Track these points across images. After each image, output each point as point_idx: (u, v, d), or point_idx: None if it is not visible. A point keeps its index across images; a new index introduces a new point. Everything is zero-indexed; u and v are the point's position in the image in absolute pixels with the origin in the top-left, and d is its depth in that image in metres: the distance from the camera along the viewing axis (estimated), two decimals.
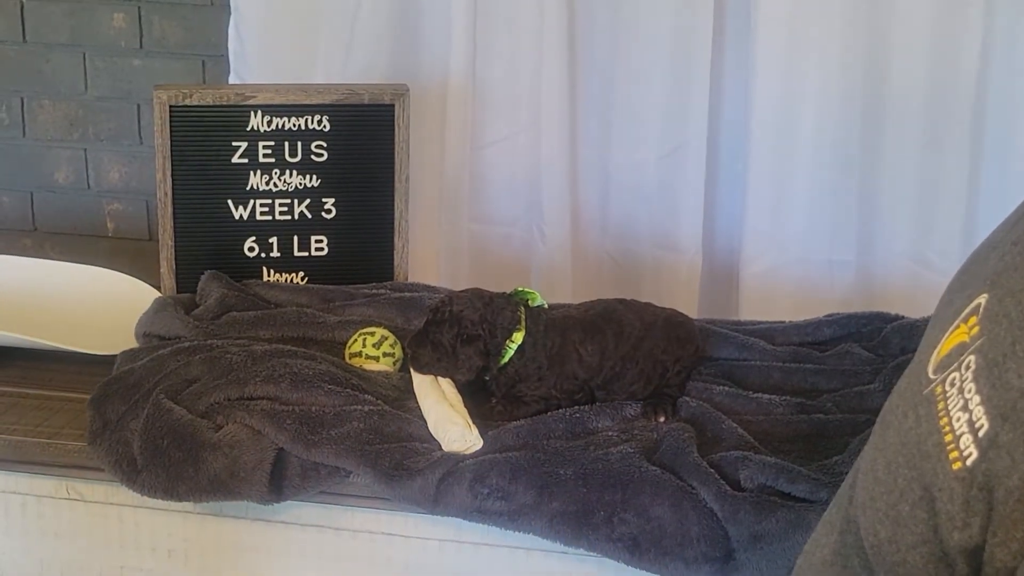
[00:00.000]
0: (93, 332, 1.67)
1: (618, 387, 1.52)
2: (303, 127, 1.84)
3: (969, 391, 0.65)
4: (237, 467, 1.38)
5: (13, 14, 2.27)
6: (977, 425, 0.63)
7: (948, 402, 0.67)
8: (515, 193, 2.17)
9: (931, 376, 0.71)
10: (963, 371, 0.66)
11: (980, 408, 0.63)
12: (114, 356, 1.60)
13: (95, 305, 1.81)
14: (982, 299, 0.69)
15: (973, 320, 0.68)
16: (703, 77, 2.06)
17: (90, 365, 1.60)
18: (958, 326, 0.71)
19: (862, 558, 0.77)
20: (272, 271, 1.87)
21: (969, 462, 0.62)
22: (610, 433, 1.43)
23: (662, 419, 1.46)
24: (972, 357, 0.66)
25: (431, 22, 2.12)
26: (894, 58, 2.00)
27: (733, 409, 1.50)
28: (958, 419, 0.65)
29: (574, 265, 2.16)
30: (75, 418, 1.48)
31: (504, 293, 1.56)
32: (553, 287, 2.08)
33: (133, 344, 1.65)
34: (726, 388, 1.55)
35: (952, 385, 0.67)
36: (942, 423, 0.66)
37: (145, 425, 1.42)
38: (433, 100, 2.09)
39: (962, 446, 0.63)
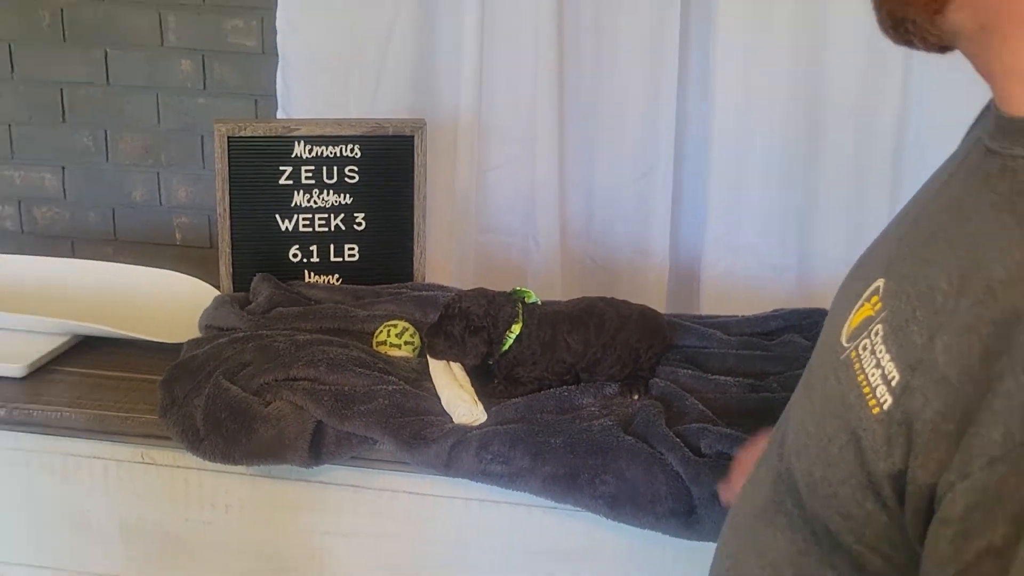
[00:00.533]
0: (163, 324, 1.67)
1: (599, 370, 1.52)
2: (338, 154, 1.83)
3: (880, 351, 0.70)
4: (283, 436, 1.38)
5: (99, 61, 2.27)
6: (890, 377, 0.68)
7: (863, 363, 0.72)
8: (514, 209, 2.17)
9: (844, 345, 0.77)
10: (873, 337, 0.72)
11: (891, 364, 0.68)
12: (180, 344, 1.60)
13: (165, 302, 1.82)
14: (880, 283, 0.75)
15: (875, 299, 0.75)
16: (670, 113, 2.06)
17: (160, 352, 1.60)
18: (862, 305, 0.77)
19: (795, 498, 0.80)
20: (312, 274, 1.87)
21: (886, 407, 0.67)
22: (592, 408, 1.43)
23: (636, 397, 1.47)
24: (879, 326, 0.71)
25: (444, 68, 2.12)
26: (830, 100, 2.00)
27: (695, 388, 1.51)
28: (873, 375, 0.70)
29: (562, 268, 2.16)
30: (148, 396, 1.47)
31: (504, 292, 1.56)
32: (545, 287, 2.07)
33: (196, 334, 1.65)
34: (689, 371, 1.56)
35: (864, 349, 0.72)
36: (859, 379, 0.71)
37: (206, 401, 1.42)
38: (446, 132, 2.08)
39: (879, 395, 0.68)
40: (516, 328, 1.50)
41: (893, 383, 0.67)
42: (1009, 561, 0.55)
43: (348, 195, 1.86)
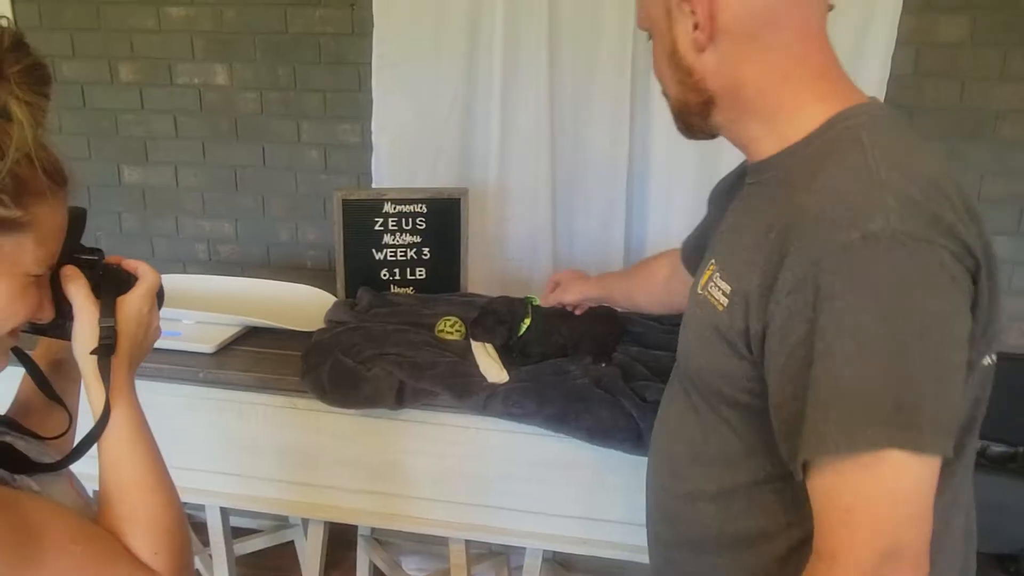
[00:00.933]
0: (301, 319, 1.68)
1: (580, 348, 1.51)
2: (412, 211, 1.84)
3: (719, 283, 0.80)
4: (379, 391, 1.39)
5: (258, 151, 2.27)
6: (725, 291, 0.79)
7: (711, 292, 0.82)
8: (522, 244, 2.15)
9: (699, 292, 0.85)
10: (714, 280, 0.82)
11: (725, 286, 0.79)
12: (312, 332, 1.60)
13: (301, 304, 1.81)
14: (712, 260, 0.86)
15: (711, 268, 0.85)
16: (622, 180, 2.04)
17: (299, 337, 1.60)
18: (706, 271, 0.86)
19: (690, 381, 0.90)
20: (395, 287, 1.87)
21: (725, 304, 0.78)
22: (576, 372, 1.42)
23: (603, 364, 1.46)
24: (716, 275, 0.82)
25: (478, 154, 2.11)
26: (722, 169, 1.99)
27: (640, 359, 1.49)
28: (716, 295, 0.80)
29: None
30: (292, 365, 1.48)
31: (519, 298, 1.57)
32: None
33: (322, 325, 1.65)
34: (636, 348, 1.55)
35: (709, 287, 0.83)
36: (712, 301, 0.81)
37: (329, 368, 1.43)
38: (479, 195, 2.07)
39: (721, 302, 0.79)
40: (527, 321, 1.50)
41: (727, 292, 0.78)
42: (812, 344, 0.66)
43: (418, 236, 1.85)
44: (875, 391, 0.63)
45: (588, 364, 1.45)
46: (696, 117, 0.82)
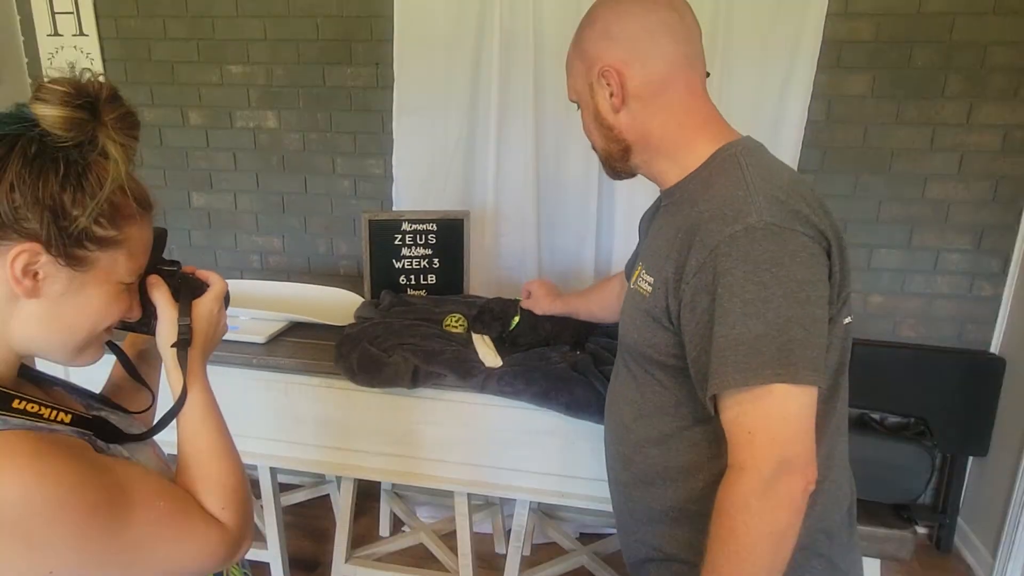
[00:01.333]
0: (335, 315, 1.67)
1: (560, 339, 1.50)
2: (425, 229, 1.83)
3: (646, 278, 0.85)
4: (398, 373, 1.38)
5: (301, 181, 2.27)
6: (649, 283, 0.83)
7: (638, 286, 0.86)
8: (513, 255, 2.15)
9: (632, 287, 0.90)
10: (641, 277, 0.86)
11: (648, 279, 0.84)
12: (344, 326, 1.59)
13: (336, 303, 1.81)
14: (639, 265, 0.89)
15: (640, 268, 0.88)
16: (593, 205, 2.04)
17: (334, 330, 1.59)
18: (636, 271, 0.90)
19: (627, 366, 0.92)
20: (411, 290, 1.86)
21: (650, 291, 0.83)
22: (557, 358, 1.42)
23: (578, 352, 1.46)
24: (643, 272, 0.86)
25: (477, 182, 2.11)
26: None
27: (607, 347, 1.48)
28: (643, 288, 0.85)
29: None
30: (328, 352, 1.47)
31: (511, 298, 1.57)
32: None
33: (352, 320, 1.64)
34: (605, 339, 1.53)
35: (638, 283, 0.87)
36: (641, 291, 0.86)
37: (358, 355, 1.42)
38: (479, 216, 2.08)
39: (647, 289, 0.84)
40: (517, 318, 1.49)
41: (651, 282, 0.83)
42: (713, 311, 0.72)
43: (429, 249, 1.85)
44: (761, 340, 0.68)
45: (566, 352, 1.45)
46: (618, 162, 0.88)
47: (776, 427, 0.69)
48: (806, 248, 0.70)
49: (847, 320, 0.80)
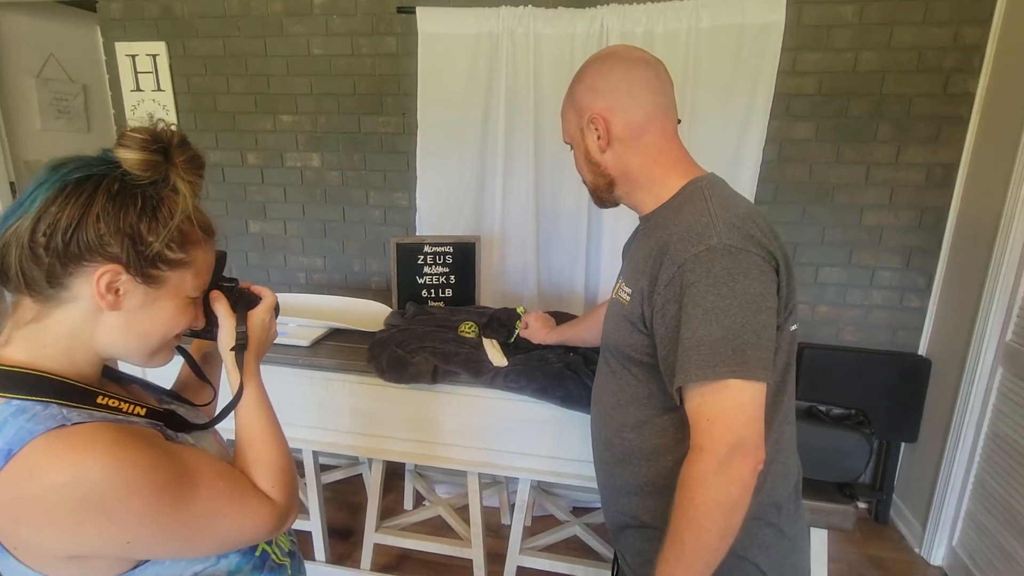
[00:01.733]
0: (368, 322, 1.67)
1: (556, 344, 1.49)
2: (443, 251, 1.82)
3: (623, 288, 0.86)
4: (420, 371, 1.37)
5: (339, 210, 2.27)
6: (628, 293, 0.84)
7: (619, 296, 0.86)
8: (517, 273, 2.14)
9: (613, 297, 0.91)
10: (623, 287, 0.86)
11: (628, 290, 0.84)
12: (375, 332, 1.59)
13: (368, 313, 1.80)
14: (620, 279, 0.90)
15: (620, 282, 0.89)
16: (583, 232, 2.04)
17: (367, 335, 1.59)
18: (617, 284, 0.90)
19: (608, 362, 0.92)
20: (431, 301, 1.85)
21: (628, 300, 0.83)
22: (553, 359, 1.41)
23: (571, 354, 1.43)
24: (622, 284, 0.87)
25: (486, 211, 2.11)
26: None
27: (596, 351, 1.45)
28: (622, 297, 0.85)
29: (539, 298, 2.13)
30: (362, 354, 1.47)
31: (514, 309, 1.56)
32: (531, 306, 2.06)
33: (382, 327, 1.63)
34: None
35: (619, 294, 0.87)
36: (622, 300, 0.85)
37: (387, 356, 1.42)
38: (488, 240, 2.08)
39: (626, 299, 0.84)
40: (519, 324, 1.49)
41: (629, 293, 0.83)
42: (679, 317, 0.73)
43: (447, 268, 1.84)
44: (719, 342, 0.69)
45: (561, 354, 1.45)
46: (604, 193, 0.89)
47: (731, 415, 0.69)
48: (758, 266, 0.71)
49: (793, 327, 0.81)
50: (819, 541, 1.43)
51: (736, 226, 0.72)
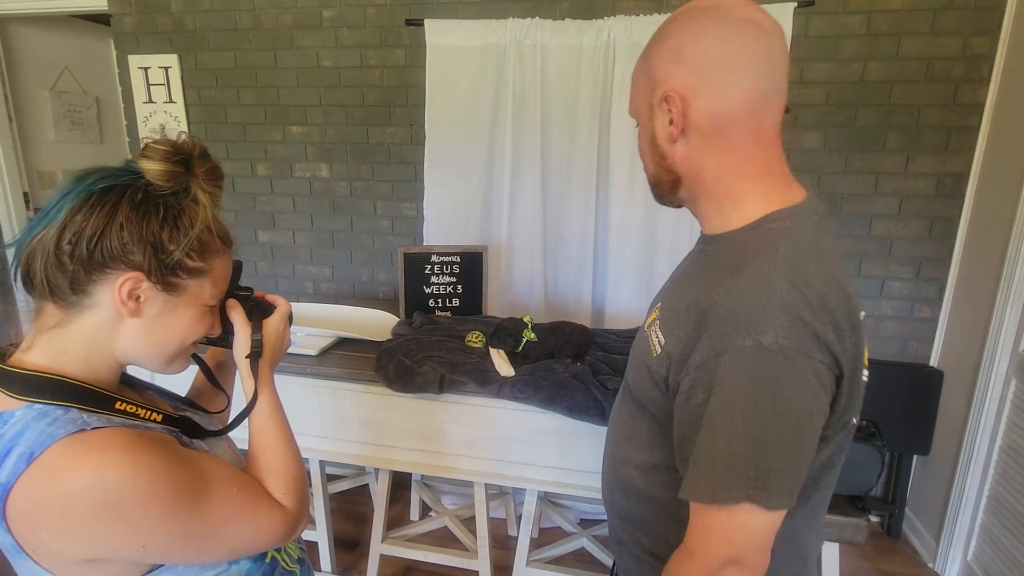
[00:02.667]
0: (375, 331, 1.67)
1: (563, 352, 1.50)
2: (450, 260, 1.83)
3: (657, 332, 0.71)
4: (427, 381, 1.37)
5: (348, 220, 2.28)
6: (660, 341, 0.70)
7: (651, 336, 0.72)
8: (523, 283, 2.14)
9: (645, 330, 0.75)
10: (656, 325, 0.72)
11: (661, 336, 0.70)
12: (382, 341, 1.60)
13: (376, 322, 1.81)
14: (659, 305, 0.75)
15: (656, 312, 0.74)
16: (590, 243, 2.04)
17: (374, 344, 1.60)
18: (652, 313, 0.77)
19: (627, 397, 0.79)
20: (438, 311, 1.86)
21: (658, 352, 0.69)
22: (560, 369, 1.41)
23: (579, 364, 1.45)
24: (658, 322, 0.72)
25: (493, 222, 2.12)
26: (659, 238, 1.99)
27: (603, 360, 1.48)
28: (653, 342, 0.71)
29: (545, 308, 2.13)
30: (369, 363, 1.48)
31: (520, 319, 1.56)
32: (538, 316, 2.06)
33: (389, 336, 1.64)
34: (601, 353, 1.53)
35: (652, 330, 0.73)
36: (651, 343, 0.72)
37: (394, 366, 1.42)
38: (495, 251, 2.08)
39: (656, 348, 0.70)
40: (527, 333, 1.49)
41: (661, 345, 0.69)
42: (704, 408, 0.60)
43: (454, 277, 1.85)
44: (741, 460, 0.58)
45: (568, 364, 1.45)
46: (667, 191, 0.72)
47: (734, 532, 0.59)
48: (816, 377, 0.57)
49: (852, 422, 0.67)
50: (831, 555, 1.42)
51: (802, 320, 0.57)
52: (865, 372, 0.67)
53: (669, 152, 0.67)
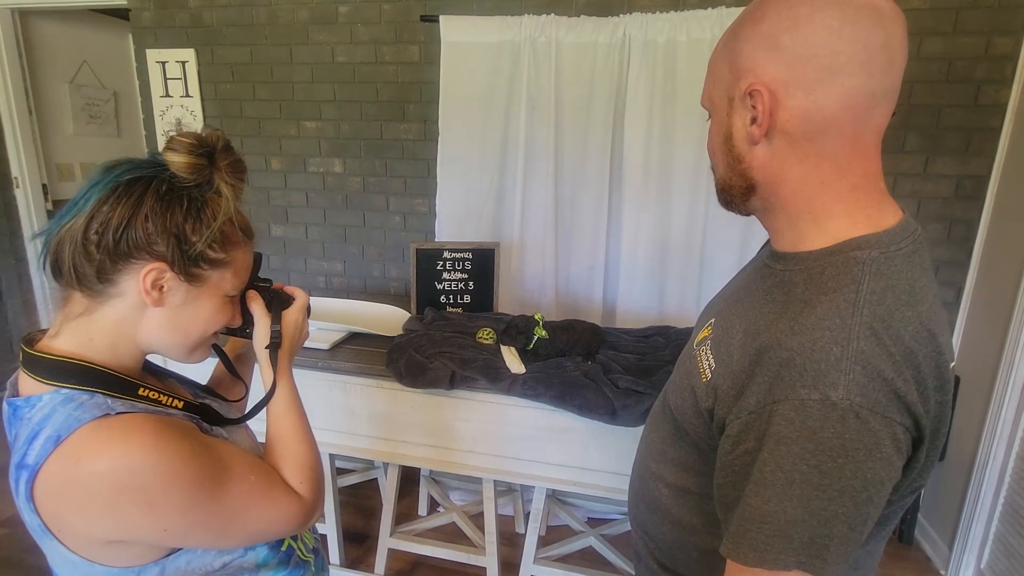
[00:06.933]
0: (387, 326, 1.68)
1: (574, 351, 1.50)
2: (462, 257, 1.84)
3: (707, 354, 0.63)
4: (438, 377, 1.38)
5: (360, 216, 2.30)
6: (710, 366, 0.62)
7: (700, 357, 0.65)
8: (535, 280, 2.14)
9: (694, 348, 0.68)
10: (707, 345, 0.64)
11: (712, 360, 0.62)
12: (394, 336, 1.61)
13: (387, 318, 1.82)
14: (712, 320, 0.67)
15: (709, 328, 0.66)
16: (602, 241, 2.04)
17: (386, 339, 1.61)
18: (704, 329, 0.68)
19: (669, 413, 0.71)
20: (450, 307, 1.87)
21: (707, 378, 0.62)
22: (571, 367, 1.42)
23: (590, 362, 1.45)
24: (708, 342, 0.65)
25: (506, 219, 2.12)
26: (673, 240, 2.00)
27: (614, 359, 1.48)
28: (703, 364, 0.63)
29: (557, 306, 2.14)
30: (380, 358, 1.49)
31: (532, 316, 1.56)
32: (549, 314, 2.06)
33: (400, 332, 1.65)
34: (612, 352, 1.53)
35: (702, 350, 0.65)
36: (699, 364, 0.64)
37: (406, 361, 1.43)
38: (507, 247, 2.09)
39: (706, 372, 0.62)
40: (538, 331, 1.49)
41: (711, 370, 0.61)
42: (754, 457, 0.52)
43: (465, 274, 1.86)
44: (794, 526, 0.50)
45: (579, 361, 1.45)
46: (737, 197, 0.61)
47: None
48: (893, 441, 0.49)
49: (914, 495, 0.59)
50: None
51: (882, 376, 0.48)
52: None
53: (746, 155, 0.57)
